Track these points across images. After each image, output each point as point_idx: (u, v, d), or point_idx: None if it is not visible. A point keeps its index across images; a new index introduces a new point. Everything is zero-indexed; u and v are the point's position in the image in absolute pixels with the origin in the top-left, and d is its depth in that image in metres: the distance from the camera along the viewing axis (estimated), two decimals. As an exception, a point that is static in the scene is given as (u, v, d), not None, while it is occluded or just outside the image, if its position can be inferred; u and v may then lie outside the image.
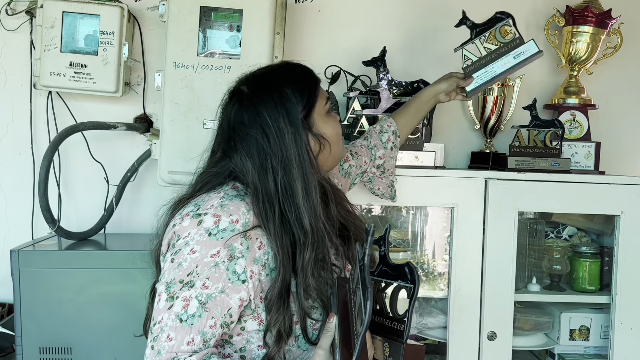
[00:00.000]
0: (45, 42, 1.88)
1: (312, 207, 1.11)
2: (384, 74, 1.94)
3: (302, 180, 1.11)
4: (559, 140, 1.90)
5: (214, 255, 1.04)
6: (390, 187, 1.67)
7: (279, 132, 1.11)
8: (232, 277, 1.04)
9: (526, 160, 1.87)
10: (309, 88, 1.17)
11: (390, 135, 1.63)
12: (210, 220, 1.05)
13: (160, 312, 1.03)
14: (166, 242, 1.11)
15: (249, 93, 1.16)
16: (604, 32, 2.06)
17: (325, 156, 1.19)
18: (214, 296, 1.03)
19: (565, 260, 1.99)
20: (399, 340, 1.02)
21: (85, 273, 1.64)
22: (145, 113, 2.05)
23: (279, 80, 1.17)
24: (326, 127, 1.19)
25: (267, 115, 1.12)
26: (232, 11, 1.81)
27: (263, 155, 1.11)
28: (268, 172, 1.10)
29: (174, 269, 1.05)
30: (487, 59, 1.68)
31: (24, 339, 1.62)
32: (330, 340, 1.02)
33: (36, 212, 1.97)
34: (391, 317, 1.06)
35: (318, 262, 1.10)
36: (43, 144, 1.98)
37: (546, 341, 2.00)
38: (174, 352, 1.00)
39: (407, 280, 1.04)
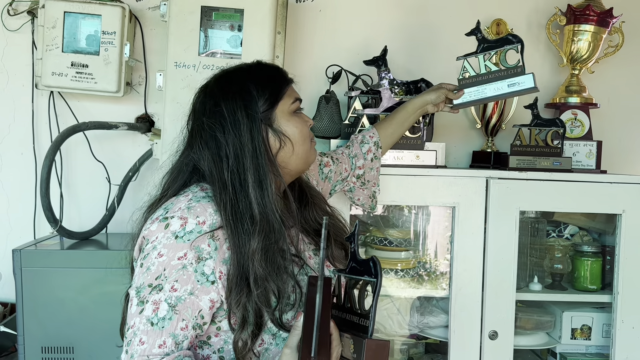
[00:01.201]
0: (47, 42, 1.89)
1: (266, 198, 1.12)
2: (385, 74, 1.94)
3: (255, 171, 1.12)
4: (560, 139, 1.90)
5: (181, 258, 1.05)
6: (371, 198, 1.66)
7: (235, 123, 1.13)
8: (201, 278, 1.05)
9: (527, 160, 1.87)
10: (274, 86, 1.19)
11: (372, 146, 1.63)
12: (177, 223, 1.07)
13: (132, 317, 1.04)
14: (137, 247, 1.13)
15: (212, 86, 1.20)
16: (606, 30, 2.06)
17: (288, 155, 1.19)
18: (183, 298, 1.04)
19: (566, 259, 1.99)
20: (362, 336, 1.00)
21: (87, 273, 1.64)
22: (146, 113, 2.06)
23: (244, 75, 1.20)
24: (288, 126, 1.19)
25: (225, 106, 1.15)
26: (233, 11, 1.81)
27: (219, 145, 1.13)
28: (223, 161, 1.12)
29: (143, 273, 1.06)
30: (483, 78, 1.66)
31: (26, 338, 1.63)
32: (297, 339, 1.02)
33: (38, 211, 1.98)
34: (359, 314, 1.05)
35: (273, 252, 1.10)
36: (45, 144, 1.99)
37: (548, 340, 1.99)
38: (145, 356, 1.02)
39: (371, 275, 1.04)
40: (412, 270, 1.97)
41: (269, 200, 1.12)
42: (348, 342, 1.03)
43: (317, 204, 1.30)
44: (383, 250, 1.97)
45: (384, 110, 1.84)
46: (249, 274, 1.07)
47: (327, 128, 1.99)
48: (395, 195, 1.78)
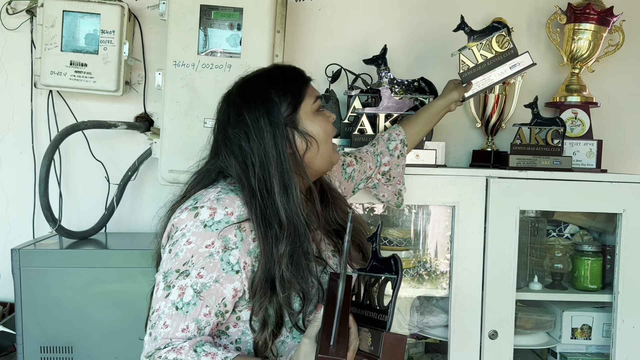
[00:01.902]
0: (46, 41, 1.88)
1: (291, 203, 1.15)
2: (384, 72, 1.94)
3: (280, 177, 1.15)
4: (560, 138, 1.89)
5: (209, 246, 1.09)
6: (397, 195, 1.68)
7: (259, 131, 1.16)
8: (226, 267, 1.09)
9: (527, 159, 1.87)
10: (295, 88, 1.21)
11: (398, 143, 1.65)
12: (206, 213, 1.11)
13: (158, 301, 1.08)
14: (166, 234, 1.16)
15: (235, 95, 1.23)
16: (606, 29, 2.06)
17: (313, 154, 1.22)
18: (208, 285, 1.08)
19: (567, 259, 1.98)
20: (380, 330, 1.04)
21: (86, 272, 1.64)
22: (145, 112, 2.05)
23: (264, 82, 1.22)
24: (313, 125, 1.21)
25: (247, 115, 1.17)
26: (232, 9, 1.80)
27: (244, 153, 1.16)
28: (249, 168, 1.16)
29: (171, 259, 1.10)
30: (483, 66, 1.73)
31: (25, 337, 1.63)
32: (316, 330, 1.06)
33: (37, 211, 1.97)
34: (378, 310, 1.09)
35: (298, 255, 1.13)
36: (44, 143, 1.98)
37: (548, 340, 1.99)
38: (168, 339, 1.05)
39: (392, 272, 1.07)
40: (412, 270, 1.97)
41: (294, 204, 1.15)
42: (366, 336, 1.07)
43: (337, 205, 1.32)
44: (383, 249, 1.95)
45: (384, 110, 1.83)
46: (276, 276, 1.10)
47: (326, 127, 1.98)
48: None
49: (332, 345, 0.99)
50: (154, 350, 1.06)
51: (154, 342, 1.06)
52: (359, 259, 1.29)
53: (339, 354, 0.99)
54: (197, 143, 1.77)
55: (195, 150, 1.76)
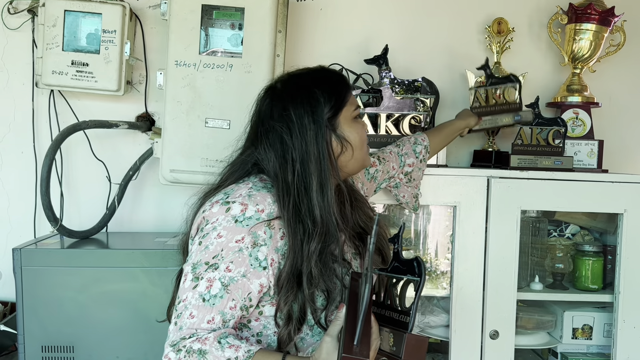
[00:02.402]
0: (47, 40, 1.89)
1: (325, 202, 1.17)
2: (386, 72, 1.94)
3: (319, 176, 1.17)
4: (561, 138, 1.89)
5: (239, 241, 1.11)
6: (414, 198, 1.71)
7: (302, 128, 1.18)
8: (254, 263, 1.11)
9: (529, 159, 1.87)
10: (339, 92, 1.23)
11: (422, 148, 1.69)
12: (237, 208, 1.13)
13: (185, 291, 1.10)
14: (195, 226, 1.18)
15: (280, 89, 1.25)
16: (607, 29, 2.06)
17: (347, 159, 1.25)
18: (236, 279, 1.10)
19: (568, 259, 1.98)
20: (402, 331, 1.05)
21: (88, 272, 1.64)
22: (147, 111, 2.05)
23: (311, 81, 1.24)
24: (351, 132, 1.24)
25: (293, 111, 1.19)
26: (233, 9, 1.81)
27: (285, 148, 1.18)
28: (288, 164, 1.18)
29: (201, 251, 1.12)
30: (492, 109, 1.88)
31: (26, 337, 1.63)
32: (338, 328, 1.07)
33: (38, 210, 1.97)
34: (399, 311, 1.11)
35: (326, 255, 1.16)
36: (45, 143, 1.98)
37: (549, 340, 1.99)
38: (194, 329, 1.07)
39: (414, 274, 1.09)
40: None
41: (328, 204, 1.17)
42: (387, 336, 1.09)
43: (360, 208, 1.34)
44: (384, 249, 1.96)
45: (385, 109, 1.83)
46: (303, 272, 1.12)
47: (328, 127, 1.98)
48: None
49: (355, 345, 1.00)
50: (179, 339, 1.07)
51: (179, 332, 1.08)
52: (379, 262, 1.30)
53: (362, 354, 0.99)
54: (199, 143, 1.79)
55: (196, 150, 1.78)
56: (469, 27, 2.15)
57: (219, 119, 1.78)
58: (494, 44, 2.10)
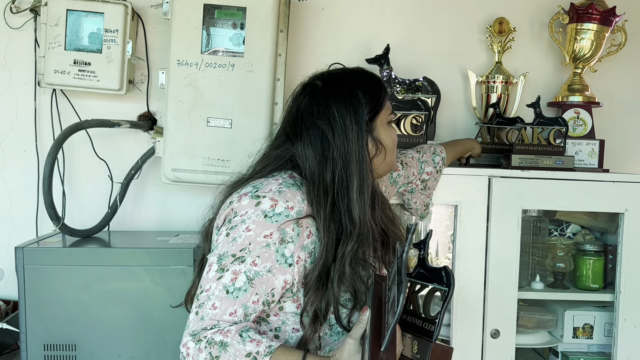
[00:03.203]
0: (50, 40, 1.89)
1: (363, 202, 1.17)
2: (387, 72, 1.94)
3: (359, 176, 1.18)
4: (562, 137, 1.89)
5: (267, 236, 1.11)
6: (425, 207, 1.73)
7: (344, 127, 1.18)
8: (280, 259, 1.11)
9: (530, 158, 1.87)
10: (378, 95, 1.24)
11: (441, 159, 1.73)
12: (267, 203, 1.12)
13: (209, 281, 1.10)
14: (223, 217, 1.17)
15: (322, 87, 1.24)
16: (608, 29, 2.06)
17: (379, 162, 1.26)
18: (261, 274, 1.10)
19: (569, 258, 1.98)
20: (427, 339, 1.05)
21: (90, 270, 1.64)
22: (149, 111, 2.06)
23: (352, 81, 1.25)
24: (386, 135, 1.26)
25: (336, 109, 1.19)
26: (235, 9, 1.81)
27: (326, 146, 1.18)
28: (328, 162, 1.18)
29: (228, 242, 1.11)
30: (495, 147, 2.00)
31: (29, 335, 1.63)
32: (361, 331, 1.07)
33: (40, 209, 1.98)
34: (423, 318, 1.11)
35: (358, 256, 1.16)
36: (47, 142, 1.99)
37: (550, 339, 1.99)
38: (215, 320, 1.07)
39: (442, 284, 1.09)
40: (413, 269, 1.97)
41: (365, 205, 1.18)
42: (410, 342, 1.09)
43: (383, 211, 1.34)
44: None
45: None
46: (334, 272, 1.12)
47: (329, 126, 1.98)
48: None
49: (382, 351, 0.99)
50: (200, 329, 1.06)
51: (200, 322, 1.07)
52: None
53: None
54: (200, 142, 1.79)
55: (198, 149, 1.78)
56: (470, 27, 2.15)
57: (220, 118, 1.79)
58: (495, 43, 2.11)
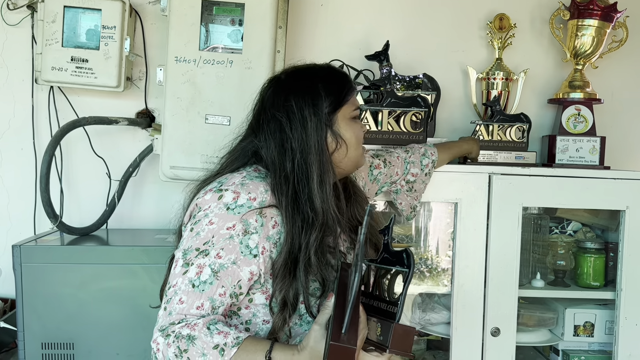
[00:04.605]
0: (47, 36, 1.88)
1: (325, 193, 1.19)
2: (387, 68, 1.93)
3: (319, 167, 1.19)
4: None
5: (230, 228, 1.12)
6: (411, 208, 1.72)
7: (302, 119, 1.20)
8: (245, 250, 1.12)
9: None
10: (340, 91, 1.25)
11: (430, 162, 1.70)
12: (229, 196, 1.14)
13: (175, 277, 1.11)
14: (188, 213, 1.20)
15: (284, 80, 1.27)
16: (610, 25, 2.04)
17: (341, 157, 1.25)
18: (225, 266, 1.10)
19: (569, 256, 1.98)
20: (390, 321, 1.05)
21: (87, 268, 1.64)
22: (147, 108, 2.05)
23: (315, 75, 1.27)
24: (347, 130, 1.25)
25: (295, 102, 1.21)
26: (234, 5, 1.80)
27: (285, 137, 1.20)
28: (287, 153, 1.19)
29: (192, 237, 1.13)
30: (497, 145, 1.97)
31: (26, 334, 1.62)
32: (327, 317, 1.08)
33: (38, 207, 1.97)
34: (388, 301, 1.11)
35: (324, 245, 1.17)
36: (45, 139, 1.98)
37: (550, 337, 1.99)
38: (183, 315, 1.08)
39: (403, 266, 1.10)
40: (413, 267, 1.96)
41: (327, 195, 1.19)
42: (375, 326, 1.09)
43: (358, 202, 1.36)
44: (385, 246, 1.96)
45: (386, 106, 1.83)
46: (300, 261, 1.13)
47: (328, 123, 1.97)
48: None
49: (343, 333, 1.00)
50: (168, 324, 1.08)
51: (168, 317, 1.09)
52: (373, 255, 1.30)
53: (350, 342, 1.00)
54: (199, 139, 1.78)
55: (196, 147, 1.77)
56: (471, 23, 2.14)
57: (219, 115, 1.78)
58: (496, 39, 2.10)
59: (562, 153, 2.00)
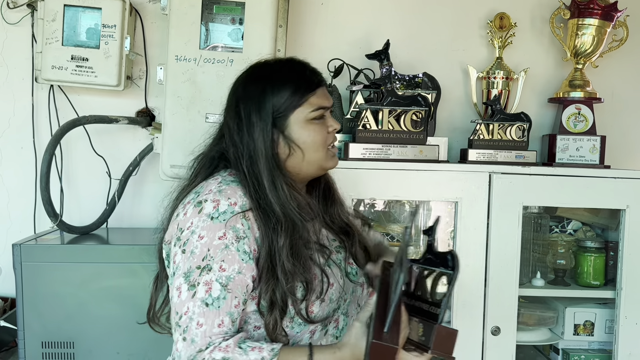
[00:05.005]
0: (47, 35, 1.87)
1: (281, 198, 1.14)
2: (387, 67, 1.93)
3: (269, 173, 1.14)
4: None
5: (222, 238, 1.08)
6: None
7: (249, 125, 1.16)
8: (244, 257, 1.09)
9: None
10: (293, 93, 1.17)
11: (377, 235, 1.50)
12: (210, 206, 1.10)
13: (184, 304, 1.06)
14: (170, 233, 1.15)
15: (240, 80, 1.22)
16: (610, 24, 2.04)
17: (298, 162, 1.19)
18: (232, 277, 1.07)
19: (569, 255, 1.98)
20: (432, 322, 1.05)
21: (88, 267, 1.64)
22: (147, 107, 2.04)
23: (267, 77, 1.20)
24: (301, 133, 1.17)
25: (243, 107, 1.17)
26: (234, 4, 1.80)
27: (235, 144, 1.17)
28: (241, 159, 1.16)
29: (188, 258, 1.08)
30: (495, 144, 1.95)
31: (27, 333, 1.62)
32: (367, 314, 1.07)
33: (38, 206, 1.96)
34: (430, 302, 1.11)
35: (298, 247, 1.13)
36: (45, 138, 1.98)
37: (550, 336, 1.99)
38: (208, 337, 1.04)
39: (448, 268, 1.09)
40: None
41: (285, 199, 1.14)
42: (416, 326, 1.08)
43: (341, 203, 1.33)
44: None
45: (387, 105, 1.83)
46: (277, 266, 1.10)
47: (328, 122, 1.97)
48: (398, 190, 1.77)
49: (385, 332, 1.00)
50: (196, 353, 1.03)
51: (192, 345, 1.04)
52: (362, 258, 1.29)
53: (392, 341, 0.99)
54: (199, 138, 1.76)
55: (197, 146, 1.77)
56: (471, 22, 2.14)
57: (219, 114, 1.74)
58: (496, 39, 2.09)
59: (562, 152, 2.00)
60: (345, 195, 1.69)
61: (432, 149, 1.85)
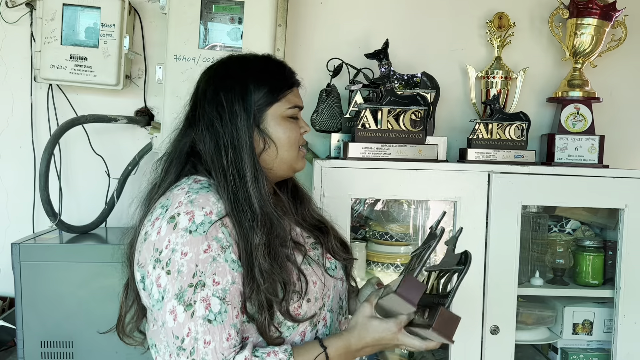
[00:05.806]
0: (46, 34, 1.87)
1: (262, 192, 1.13)
2: (386, 67, 1.93)
3: (252, 165, 1.13)
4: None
5: (207, 250, 1.04)
6: None
7: (232, 114, 1.13)
8: (233, 265, 1.07)
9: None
10: (273, 87, 1.18)
11: None
12: (184, 219, 1.05)
13: (183, 325, 1.02)
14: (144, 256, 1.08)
15: (217, 70, 1.20)
16: (609, 24, 2.05)
17: (271, 157, 1.19)
18: (228, 289, 1.05)
19: (568, 254, 1.98)
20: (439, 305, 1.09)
21: (86, 267, 1.64)
22: (146, 106, 2.04)
23: (247, 68, 1.19)
24: (277, 129, 1.18)
25: (224, 96, 1.15)
26: (233, 3, 1.80)
27: (217, 134, 1.14)
28: (221, 149, 1.13)
29: (175, 278, 1.04)
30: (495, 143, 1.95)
31: (25, 332, 1.62)
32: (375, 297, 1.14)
33: (37, 205, 1.97)
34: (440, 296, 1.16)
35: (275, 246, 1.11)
36: (44, 137, 1.98)
37: (549, 335, 1.99)
38: (220, 354, 1.02)
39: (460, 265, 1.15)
40: (412, 265, 1.96)
41: (264, 193, 1.13)
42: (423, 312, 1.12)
43: (310, 200, 1.33)
44: (383, 244, 1.96)
45: (386, 104, 1.83)
46: (254, 267, 1.07)
47: (327, 122, 1.97)
48: (397, 190, 1.77)
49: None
50: None
51: None
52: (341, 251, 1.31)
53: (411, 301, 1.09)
54: (198, 137, 1.78)
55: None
56: (470, 22, 2.14)
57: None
58: (495, 38, 2.10)
59: (561, 152, 2.00)
60: (344, 194, 1.71)
61: (431, 148, 1.85)
